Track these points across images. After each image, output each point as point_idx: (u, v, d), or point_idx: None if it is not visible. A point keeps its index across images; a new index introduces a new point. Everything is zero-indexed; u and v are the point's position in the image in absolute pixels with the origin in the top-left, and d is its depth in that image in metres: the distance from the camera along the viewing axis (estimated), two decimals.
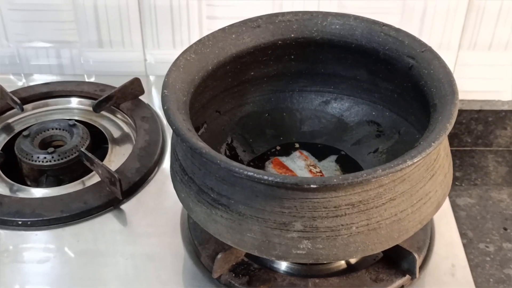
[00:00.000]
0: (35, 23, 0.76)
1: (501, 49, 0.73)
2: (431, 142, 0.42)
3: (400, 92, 0.55)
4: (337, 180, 0.40)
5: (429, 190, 0.46)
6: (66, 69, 0.79)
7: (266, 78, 0.59)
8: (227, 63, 0.54)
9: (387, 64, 0.53)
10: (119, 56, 0.77)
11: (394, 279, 0.51)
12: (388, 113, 0.58)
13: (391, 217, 0.44)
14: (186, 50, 0.51)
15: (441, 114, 0.45)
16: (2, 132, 0.70)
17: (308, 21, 0.55)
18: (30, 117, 0.72)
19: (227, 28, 0.54)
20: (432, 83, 0.49)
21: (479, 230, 0.64)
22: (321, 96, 0.61)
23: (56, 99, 0.74)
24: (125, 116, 0.71)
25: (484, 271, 0.59)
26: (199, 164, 0.46)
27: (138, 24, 0.75)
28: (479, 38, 0.72)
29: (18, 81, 0.77)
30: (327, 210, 0.42)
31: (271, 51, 0.56)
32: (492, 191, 0.70)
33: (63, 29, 0.76)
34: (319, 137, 0.61)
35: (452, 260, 0.55)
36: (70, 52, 0.78)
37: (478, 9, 0.70)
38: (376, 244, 0.45)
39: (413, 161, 0.41)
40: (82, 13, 0.74)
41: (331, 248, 0.43)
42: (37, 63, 0.79)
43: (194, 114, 0.50)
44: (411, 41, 0.52)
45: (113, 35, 0.76)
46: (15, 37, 0.77)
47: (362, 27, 0.54)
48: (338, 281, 0.51)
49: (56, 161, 0.63)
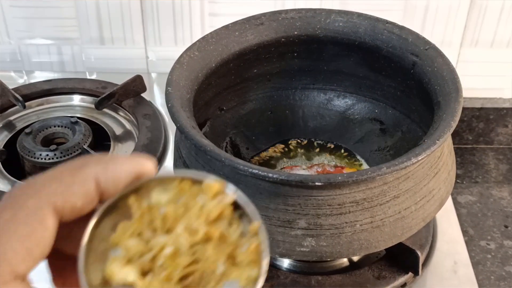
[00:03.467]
0: (36, 20, 0.75)
1: (503, 47, 0.73)
2: (435, 139, 0.42)
3: (403, 90, 0.55)
4: (342, 178, 0.40)
5: (433, 187, 0.46)
6: (67, 66, 0.79)
7: (269, 76, 0.59)
8: (230, 61, 0.54)
9: (390, 61, 0.53)
10: (121, 53, 0.77)
11: (397, 277, 0.52)
12: (391, 111, 0.58)
13: (395, 214, 0.44)
14: (189, 48, 0.51)
15: (445, 112, 0.45)
16: (4, 130, 0.70)
17: (311, 19, 0.55)
18: (32, 115, 0.72)
19: (230, 26, 0.54)
20: (436, 81, 0.49)
21: (480, 227, 0.64)
22: (324, 94, 0.61)
23: (58, 96, 0.73)
24: (127, 114, 0.71)
25: (485, 269, 0.59)
26: (203, 161, 0.46)
27: (140, 21, 0.75)
28: (481, 36, 0.72)
29: (20, 78, 0.77)
30: (331, 208, 0.42)
31: (274, 48, 0.56)
32: (493, 189, 0.70)
33: (64, 26, 0.76)
34: (322, 135, 0.61)
35: (454, 258, 0.55)
36: (72, 49, 0.77)
37: (480, 6, 0.70)
38: (379, 242, 0.45)
39: (417, 159, 0.41)
40: (84, 10, 0.74)
41: (335, 245, 0.43)
42: (39, 60, 0.78)
43: (197, 112, 0.50)
44: (415, 39, 0.52)
45: (115, 32, 0.76)
46: (16, 34, 0.76)
47: (366, 25, 0.54)
48: (341, 278, 0.51)
49: (58, 158, 0.63)
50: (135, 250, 0.24)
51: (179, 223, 0.24)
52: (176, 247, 0.24)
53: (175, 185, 0.25)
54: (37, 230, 0.22)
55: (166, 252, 0.23)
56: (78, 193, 0.23)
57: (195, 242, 0.24)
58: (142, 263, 0.24)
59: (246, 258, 0.24)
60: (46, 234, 0.22)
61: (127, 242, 0.24)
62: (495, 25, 0.71)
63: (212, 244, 0.24)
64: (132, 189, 0.25)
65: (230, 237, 0.24)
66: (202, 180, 0.25)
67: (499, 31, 0.72)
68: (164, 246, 0.24)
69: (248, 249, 0.24)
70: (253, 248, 0.24)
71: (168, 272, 0.23)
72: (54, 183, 0.23)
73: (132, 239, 0.24)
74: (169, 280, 0.23)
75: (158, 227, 0.24)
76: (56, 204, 0.22)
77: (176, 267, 0.23)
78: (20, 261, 0.22)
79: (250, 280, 0.24)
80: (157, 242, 0.24)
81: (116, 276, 0.23)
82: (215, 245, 0.24)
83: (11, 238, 0.22)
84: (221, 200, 0.25)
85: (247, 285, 0.24)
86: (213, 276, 0.24)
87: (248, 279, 0.24)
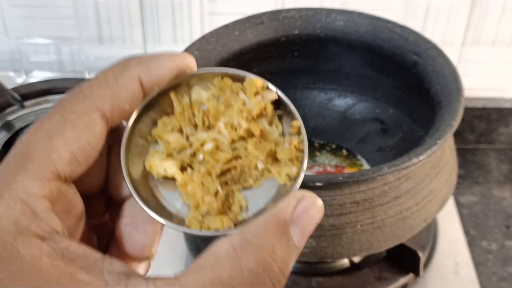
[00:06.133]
0: (35, 19, 0.75)
1: (505, 46, 0.73)
2: (436, 140, 0.42)
3: (404, 90, 0.55)
4: (343, 178, 0.40)
5: (434, 188, 0.46)
6: (66, 65, 0.79)
7: (269, 75, 0.58)
8: (230, 60, 0.54)
9: (391, 61, 0.53)
10: (120, 53, 0.77)
11: (398, 278, 0.51)
12: (392, 111, 0.57)
13: (396, 215, 0.44)
14: (189, 47, 0.51)
15: (446, 112, 0.45)
16: (2, 130, 0.69)
17: (311, 18, 0.55)
18: (31, 114, 0.71)
19: (230, 25, 0.54)
20: (437, 81, 0.48)
21: (481, 228, 0.64)
22: (324, 93, 0.60)
23: (57, 96, 0.73)
24: None
25: (486, 269, 0.59)
26: None
27: (139, 20, 0.74)
28: (483, 35, 0.72)
29: (18, 78, 0.77)
30: (332, 208, 0.42)
31: (275, 47, 0.56)
32: (495, 189, 0.70)
33: (63, 25, 0.75)
34: (323, 134, 0.60)
35: (455, 258, 0.55)
36: (71, 48, 0.77)
37: (481, 5, 0.70)
38: (380, 242, 0.44)
39: (418, 159, 0.41)
40: (83, 9, 0.74)
41: (335, 246, 0.43)
42: (37, 60, 0.78)
43: None
44: (416, 38, 0.51)
45: (114, 31, 0.75)
46: (15, 34, 0.76)
47: (367, 24, 0.53)
48: (341, 279, 0.51)
49: None
50: (175, 145, 0.24)
51: (220, 120, 0.24)
52: (216, 143, 0.24)
53: (216, 82, 0.25)
54: (84, 134, 0.22)
55: (207, 147, 0.24)
56: (124, 96, 0.23)
57: (235, 139, 0.24)
58: (182, 157, 0.24)
59: (286, 156, 0.24)
60: (93, 139, 0.22)
61: (168, 136, 0.24)
62: (496, 24, 0.71)
63: (253, 141, 0.24)
64: (172, 86, 0.24)
65: (271, 135, 0.24)
66: (243, 77, 0.25)
67: (501, 30, 0.71)
68: (205, 141, 0.24)
69: (288, 147, 0.24)
70: (294, 146, 0.24)
71: (208, 167, 0.23)
72: (100, 89, 0.23)
73: (173, 134, 0.24)
74: (208, 175, 0.23)
75: (199, 123, 0.24)
76: (103, 109, 0.22)
77: (216, 162, 0.24)
78: (65, 163, 0.22)
79: (290, 177, 0.24)
80: (197, 137, 0.24)
81: (156, 168, 0.24)
82: (255, 142, 0.24)
83: (58, 141, 0.22)
84: (263, 97, 0.25)
85: (286, 182, 0.24)
86: (252, 173, 0.24)
87: (287, 177, 0.24)
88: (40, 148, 0.22)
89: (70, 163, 0.22)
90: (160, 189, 0.24)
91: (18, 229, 0.20)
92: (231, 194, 0.24)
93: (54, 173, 0.22)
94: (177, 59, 0.24)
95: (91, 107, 0.22)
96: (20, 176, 0.21)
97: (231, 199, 0.24)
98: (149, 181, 0.24)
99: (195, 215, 0.23)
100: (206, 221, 0.23)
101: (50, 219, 0.21)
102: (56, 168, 0.22)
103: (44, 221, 0.21)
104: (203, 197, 0.23)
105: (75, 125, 0.22)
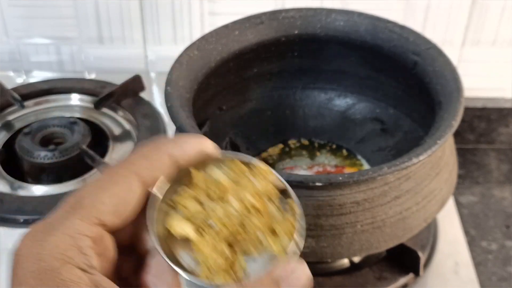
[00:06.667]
0: (35, 19, 0.75)
1: (505, 46, 0.73)
2: (436, 139, 0.42)
3: (404, 89, 0.55)
4: (343, 178, 0.40)
5: (434, 188, 0.46)
6: (66, 65, 0.79)
7: (269, 75, 0.59)
8: (230, 60, 0.54)
9: (391, 61, 0.53)
10: (120, 53, 0.77)
11: (398, 278, 0.51)
12: (392, 111, 0.57)
13: (396, 215, 0.44)
14: (189, 47, 0.51)
15: (446, 112, 0.45)
16: (2, 130, 0.69)
17: (311, 18, 0.55)
18: (31, 114, 0.71)
19: (230, 25, 0.54)
20: (437, 81, 0.48)
21: (481, 228, 0.64)
22: (324, 93, 0.60)
23: (56, 96, 0.73)
24: (126, 113, 0.71)
25: (486, 269, 0.59)
26: None
27: (139, 20, 0.74)
28: (483, 35, 0.72)
29: (18, 78, 0.77)
30: (332, 208, 0.42)
31: (275, 47, 0.56)
32: (495, 189, 0.70)
33: (63, 25, 0.75)
34: (323, 134, 0.60)
35: (455, 258, 0.55)
36: (71, 48, 0.77)
37: (481, 5, 0.70)
38: (380, 242, 0.44)
39: (418, 159, 0.41)
40: (83, 9, 0.74)
41: (335, 246, 0.43)
42: (37, 60, 0.78)
43: (197, 111, 0.50)
44: (416, 38, 0.51)
45: (114, 31, 0.75)
46: (15, 34, 0.76)
47: (367, 24, 0.53)
48: (341, 279, 0.51)
49: (57, 158, 0.62)
50: (193, 210, 0.29)
51: (230, 194, 0.29)
52: (226, 212, 0.29)
53: (227, 163, 0.30)
54: (125, 191, 0.27)
55: (218, 215, 0.28)
56: (159, 167, 0.28)
57: (242, 211, 0.29)
58: (197, 222, 0.29)
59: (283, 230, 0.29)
60: (133, 197, 0.27)
61: (186, 203, 0.29)
62: (497, 24, 0.71)
63: (256, 215, 0.29)
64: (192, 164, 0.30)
65: (271, 211, 0.29)
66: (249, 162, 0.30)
67: (501, 30, 0.71)
68: (217, 210, 0.29)
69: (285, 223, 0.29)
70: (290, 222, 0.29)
71: (218, 232, 0.28)
72: (141, 160, 0.28)
73: (191, 202, 0.29)
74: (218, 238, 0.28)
75: (213, 195, 0.29)
76: (142, 175, 0.28)
77: (225, 228, 0.28)
78: (107, 213, 0.27)
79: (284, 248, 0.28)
80: (211, 207, 0.29)
81: (175, 228, 0.28)
82: (258, 216, 0.29)
83: (104, 194, 0.27)
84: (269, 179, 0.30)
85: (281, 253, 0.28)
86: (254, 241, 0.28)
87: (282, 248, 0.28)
88: (89, 198, 0.27)
89: (112, 213, 0.27)
90: (176, 245, 0.29)
91: (64, 259, 0.25)
92: (235, 257, 0.28)
93: (98, 219, 0.26)
94: (201, 143, 0.30)
95: (132, 173, 0.28)
96: (72, 218, 0.26)
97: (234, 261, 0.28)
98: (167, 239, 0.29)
99: (204, 269, 0.28)
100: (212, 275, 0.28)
101: (90, 255, 0.26)
102: (100, 215, 0.26)
103: (86, 256, 0.25)
104: (213, 256, 0.28)
105: (118, 184, 0.27)
